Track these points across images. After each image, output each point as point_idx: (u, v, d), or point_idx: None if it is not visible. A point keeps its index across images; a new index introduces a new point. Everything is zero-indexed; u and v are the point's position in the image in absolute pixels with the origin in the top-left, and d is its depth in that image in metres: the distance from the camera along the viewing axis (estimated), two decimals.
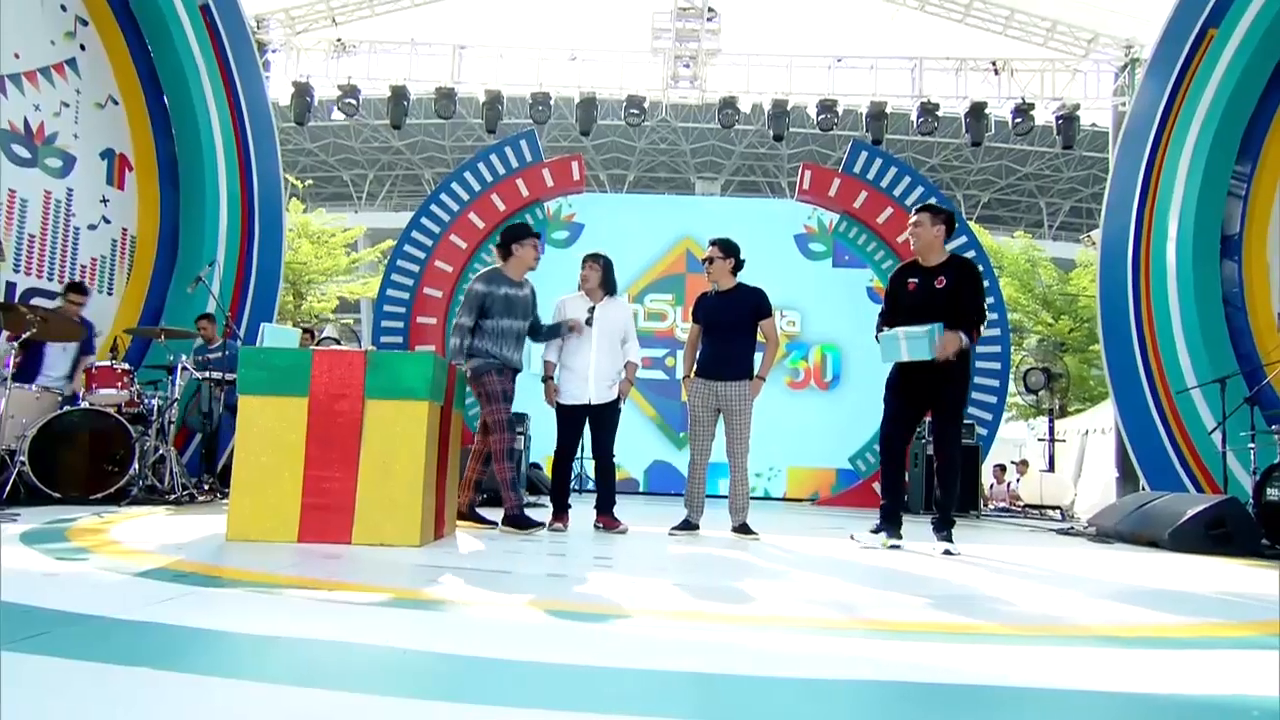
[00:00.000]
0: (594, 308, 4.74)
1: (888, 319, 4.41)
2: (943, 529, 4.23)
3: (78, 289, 6.14)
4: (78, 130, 7.41)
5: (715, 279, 4.77)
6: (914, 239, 4.38)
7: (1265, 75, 7.65)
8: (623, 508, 4.91)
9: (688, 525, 4.67)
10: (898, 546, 4.26)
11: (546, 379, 4.80)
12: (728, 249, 4.76)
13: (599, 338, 4.71)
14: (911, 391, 4.29)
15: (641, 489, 10.40)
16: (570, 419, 4.74)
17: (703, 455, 4.72)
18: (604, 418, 4.75)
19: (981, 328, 4.24)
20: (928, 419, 4.54)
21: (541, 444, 9.06)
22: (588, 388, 4.68)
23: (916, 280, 4.31)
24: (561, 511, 4.70)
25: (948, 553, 4.08)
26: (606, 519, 4.70)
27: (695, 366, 4.80)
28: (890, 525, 4.34)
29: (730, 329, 4.70)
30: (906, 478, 8.31)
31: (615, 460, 4.85)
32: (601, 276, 4.78)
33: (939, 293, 4.20)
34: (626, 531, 4.60)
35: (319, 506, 3.38)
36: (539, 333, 4.67)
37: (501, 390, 4.30)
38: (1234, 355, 7.67)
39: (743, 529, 4.61)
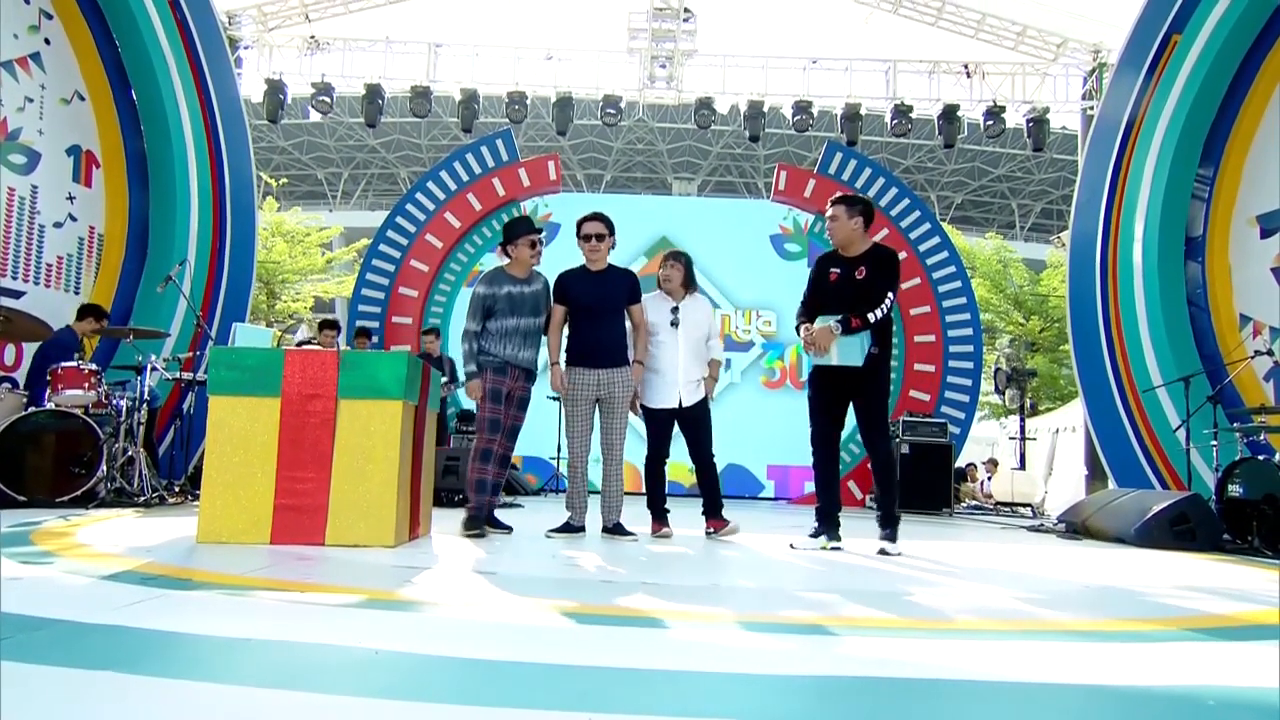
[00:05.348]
0: (677, 307, 4.56)
1: (808, 308, 4.26)
2: (886, 526, 4.12)
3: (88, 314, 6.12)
4: (43, 126, 7.26)
5: (601, 262, 4.42)
6: (832, 233, 4.20)
7: (1227, 80, 7.83)
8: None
9: (570, 528, 4.33)
10: (838, 549, 4.12)
11: None
12: (609, 227, 4.44)
13: (684, 338, 4.52)
14: (834, 389, 4.18)
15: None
16: (659, 423, 4.55)
17: (586, 450, 4.40)
18: (696, 419, 4.54)
19: (873, 316, 3.96)
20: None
21: (521, 443, 9.01)
22: (676, 390, 4.50)
23: (839, 270, 4.18)
24: (660, 518, 4.51)
25: (883, 552, 3.98)
26: (716, 522, 4.53)
27: (568, 354, 4.43)
28: (828, 527, 4.18)
29: (611, 313, 4.41)
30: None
31: (675, 461, 4.69)
32: (684, 275, 4.61)
33: (859, 283, 4.07)
34: (738, 530, 4.48)
35: (291, 507, 3.35)
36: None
37: (490, 389, 4.24)
38: (1198, 354, 7.84)
39: (617, 529, 4.31)
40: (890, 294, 4.05)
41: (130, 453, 5.46)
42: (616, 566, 3.32)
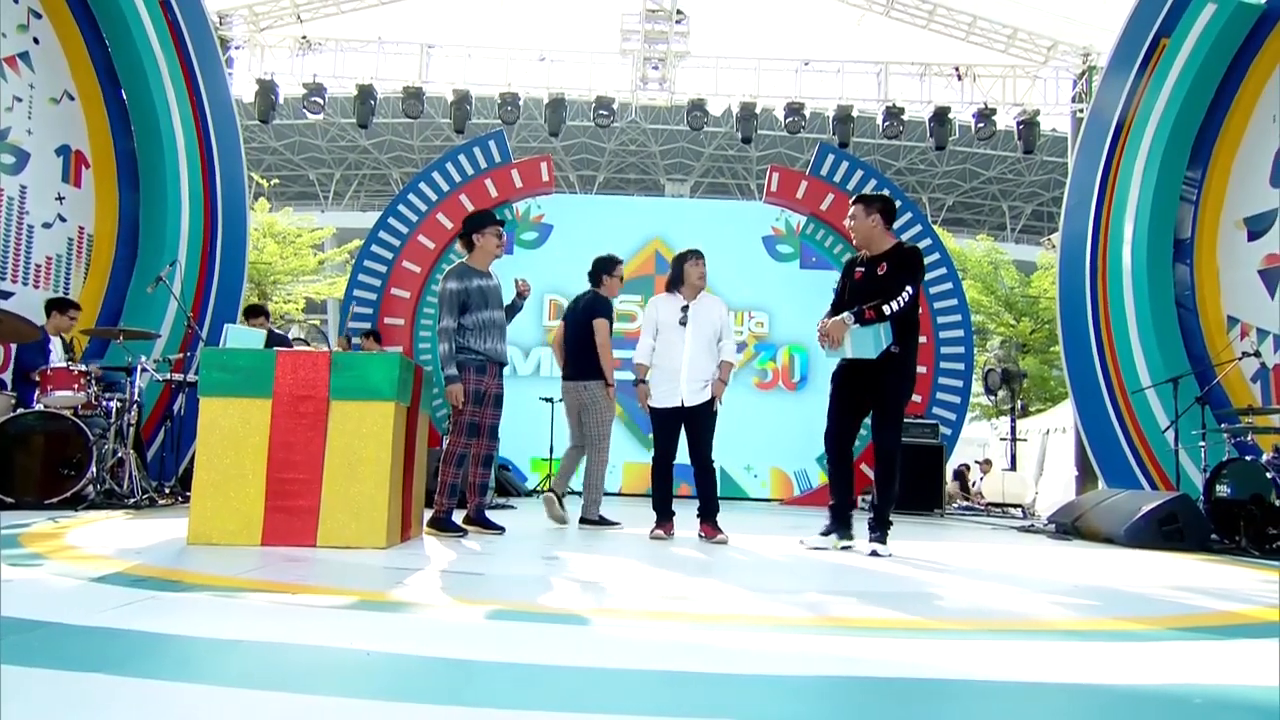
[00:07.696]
0: (687, 306, 4.58)
1: (834, 309, 4.31)
2: (876, 529, 4.10)
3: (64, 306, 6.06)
4: (31, 126, 7.21)
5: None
6: (853, 232, 4.30)
7: (1215, 83, 7.88)
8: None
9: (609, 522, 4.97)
10: (849, 548, 4.13)
11: (640, 382, 4.62)
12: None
13: (693, 337, 4.52)
14: (854, 387, 4.18)
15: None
16: (664, 422, 4.56)
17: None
18: (698, 420, 4.50)
19: (888, 308, 3.95)
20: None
21: (511, 444, 9.04)
22: (679, 389, 4.48)
23: (863, 269, 4.24)
24: (665, 520, 4.56)
25: (875, 554, 3.97)
26: (709, 529, 4.46)
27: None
28: (840, 526, 4.18)
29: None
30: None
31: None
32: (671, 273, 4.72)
33: (881, 279, 4.10)
34: (727, 542, 4.34)
35: (283, 509, 3.34)
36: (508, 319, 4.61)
37: (472, 390, 4.21)
38: (1186, 356, 7.89)
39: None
40: (909, 288, 3.99)
41: (120, 454, 5.42)
42: (609, 568, 3.32)
